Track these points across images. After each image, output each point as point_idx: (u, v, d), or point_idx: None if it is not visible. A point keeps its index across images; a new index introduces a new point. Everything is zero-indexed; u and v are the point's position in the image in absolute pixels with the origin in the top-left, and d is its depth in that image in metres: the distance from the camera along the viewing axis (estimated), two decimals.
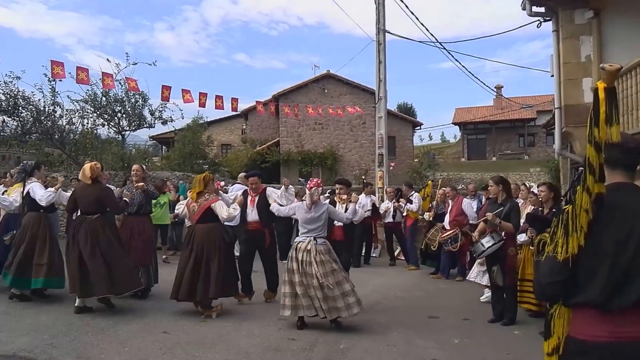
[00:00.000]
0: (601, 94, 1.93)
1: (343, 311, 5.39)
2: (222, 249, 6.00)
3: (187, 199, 6.50)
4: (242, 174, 8.60)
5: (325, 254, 5.50)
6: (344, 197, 6.60)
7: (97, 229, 5.92)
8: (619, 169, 2.05)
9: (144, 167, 7.71)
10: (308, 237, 5.56)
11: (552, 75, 9.38)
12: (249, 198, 6.75)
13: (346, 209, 6.20)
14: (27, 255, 6.20)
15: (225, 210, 6.05)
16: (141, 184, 6.86)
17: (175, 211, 6.94)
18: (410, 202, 10.37)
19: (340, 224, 6.76)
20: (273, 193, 6.77)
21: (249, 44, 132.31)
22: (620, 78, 7.43)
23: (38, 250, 6.24)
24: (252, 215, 6.70)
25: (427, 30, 18.09)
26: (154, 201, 7.71)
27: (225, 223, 6.37)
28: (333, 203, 6.55)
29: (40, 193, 6.34)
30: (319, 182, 5.87)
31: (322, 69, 28.57)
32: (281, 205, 6.36)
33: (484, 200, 9.10)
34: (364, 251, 10.98)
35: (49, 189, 6.58)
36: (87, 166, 6.17)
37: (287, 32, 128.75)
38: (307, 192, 5.76)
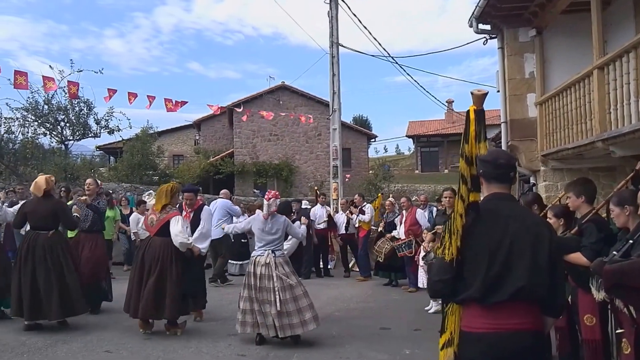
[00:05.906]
0: (471, 115, 2.22)
1: (298, 328, 5.22)
2: (179, 264, 5.62)
3: (147, 213, 6.13)
4: (224, 190, 8.78)
5: (284, 267, 5.36)
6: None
7: (54, 246, 5.68)
8: (494, 182, 2.33)
9: (98, 181, 7.22)
10: (266, 250, 5.38)
11: (498, 91, 9.71)
12: (184, 213, 6.43)
13: None
14: None
15: (181, 227, 5.64)
16: (83, 197, 6.64)
17: (133, 235, 6.30)
18: (363, 212, 10.41)
19: None
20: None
21: (202, 52, 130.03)
22: (560, 94, 7.79)
23: None
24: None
25: (380, 44, 18.26)
26: None
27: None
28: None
29: None
30: (276, 193, 5.74)
31: (277, 80, 28.53)
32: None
33: (434, 211, 9.26)
34: (321, 263, 10.92)
35: None
36: (41, 178, 5.88)
37: (242, 41, 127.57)
38: (265, 202, 5.61)
